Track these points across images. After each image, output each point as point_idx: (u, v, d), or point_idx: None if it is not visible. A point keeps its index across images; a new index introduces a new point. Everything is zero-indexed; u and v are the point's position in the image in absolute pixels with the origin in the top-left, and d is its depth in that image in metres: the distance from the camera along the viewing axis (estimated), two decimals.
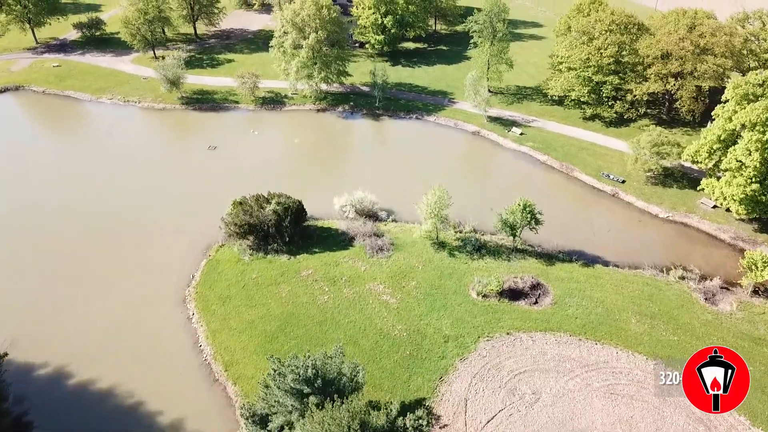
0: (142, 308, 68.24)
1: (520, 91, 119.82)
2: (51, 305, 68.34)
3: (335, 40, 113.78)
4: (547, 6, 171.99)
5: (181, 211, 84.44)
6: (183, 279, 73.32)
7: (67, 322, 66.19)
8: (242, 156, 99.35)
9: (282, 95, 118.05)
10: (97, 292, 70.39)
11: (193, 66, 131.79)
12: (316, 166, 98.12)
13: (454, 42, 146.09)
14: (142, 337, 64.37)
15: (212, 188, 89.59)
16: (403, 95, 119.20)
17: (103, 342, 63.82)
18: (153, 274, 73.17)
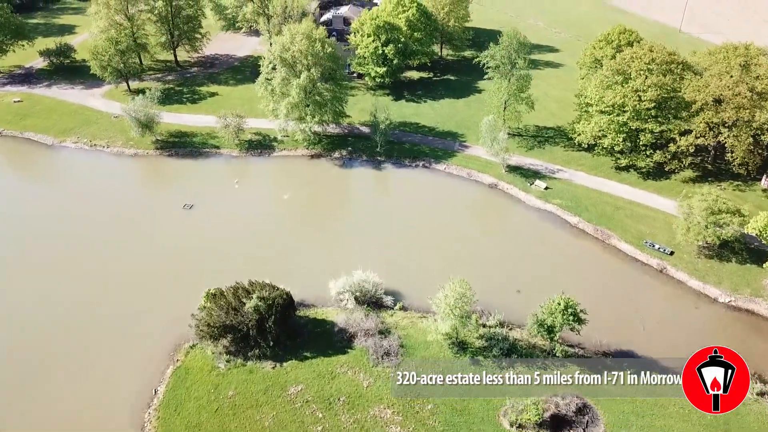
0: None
1: (541, 133, 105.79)
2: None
3: (331, 77, 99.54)
4: (562, 27, 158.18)
5: (144, 298, 70.09)
6: (143, 395, 59.12)
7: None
8: (222, 218, 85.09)
9: (270, 138, 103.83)
10: (23, 420, 55.96)
11: (171, 100, 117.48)
12: (308, 231, 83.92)
13: (462, 70, 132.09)
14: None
15: (184, 265, 75.32)
16: (407, 137, 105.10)
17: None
18: (103, 389, 58.91)
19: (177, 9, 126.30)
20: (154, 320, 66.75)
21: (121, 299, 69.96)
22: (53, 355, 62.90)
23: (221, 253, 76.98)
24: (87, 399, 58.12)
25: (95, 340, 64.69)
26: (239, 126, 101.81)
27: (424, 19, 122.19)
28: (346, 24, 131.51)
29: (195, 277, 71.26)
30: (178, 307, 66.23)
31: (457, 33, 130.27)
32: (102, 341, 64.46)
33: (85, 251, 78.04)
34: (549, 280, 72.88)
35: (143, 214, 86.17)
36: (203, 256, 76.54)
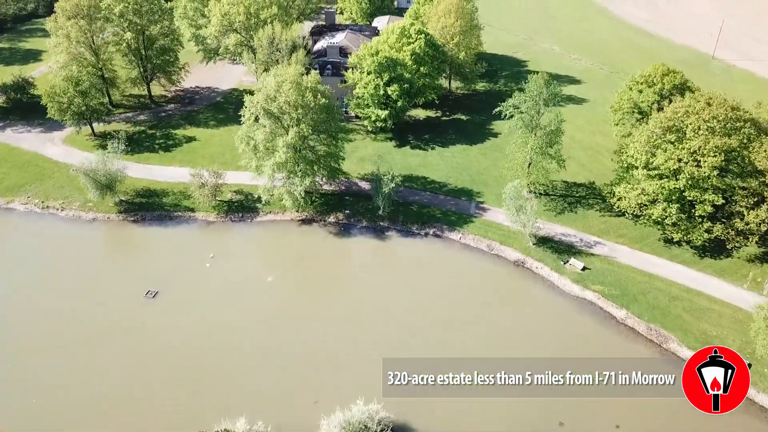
0: None
1: (571, 191, 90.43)
2: None
3: (326, 129, 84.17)
4: (581, 52, 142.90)
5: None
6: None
7: None
8: (191, 312, 69.99)
9: (254, 198, 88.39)
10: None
11: (141, 147, 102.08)
12: (293, 333, 68.39)
13: (474, 107, 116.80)
14: None
15: (136, 388, 59.82)
16: (414, 196, 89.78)
17: None
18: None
19: (149, 40, 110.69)
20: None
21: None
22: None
23: (185, 366, 61.71)
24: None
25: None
26: (216, 186, 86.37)
27: (432, 52, 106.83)
28: (342, 55, 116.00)
29: (148, 404, 55.97)
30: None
31: (468, 64, 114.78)
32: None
33: (14, 372, 62.55)
34: (598, 405, 57.88)
35: (94, 309, 70.62)
36: (163, 372, 61.16)
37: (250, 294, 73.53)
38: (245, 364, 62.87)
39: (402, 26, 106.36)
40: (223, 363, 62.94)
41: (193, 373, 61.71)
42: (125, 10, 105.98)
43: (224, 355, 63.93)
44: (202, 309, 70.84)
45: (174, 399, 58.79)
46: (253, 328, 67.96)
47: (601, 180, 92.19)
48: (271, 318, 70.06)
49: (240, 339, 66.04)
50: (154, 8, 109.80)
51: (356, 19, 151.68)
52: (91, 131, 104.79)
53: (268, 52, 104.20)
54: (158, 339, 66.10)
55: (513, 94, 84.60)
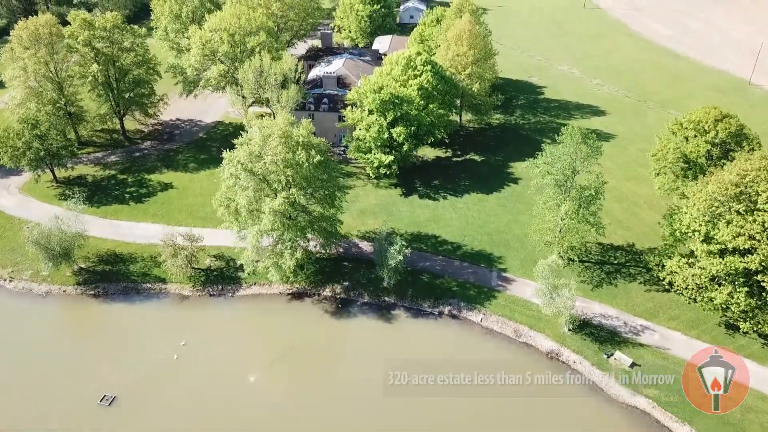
0: None
1: (608, 256, 77.27)
2: None
3: (321, 187, 70.97)
4: (603, 76, 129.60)
5: None
6: None
7: None
8: (154, 424, 56.60)
9: (236, 265, 75.14)
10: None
11: (109, 197, 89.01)
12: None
13: (487, 144, 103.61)
14: None
15: None
16: (424, 261, 76.67)
17: None
18: None
19: (121, 71, 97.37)
20: None
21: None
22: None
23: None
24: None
25: None
26: (192, 254, 73.21)
27: (442, 86, 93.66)
28: (341, 85, 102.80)
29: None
30: None
31: (481, 97, 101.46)
32: None
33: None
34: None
35: (30, 424, 57.26)
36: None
37: (226, 400, 60.23)
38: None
39: (408, 56, 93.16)
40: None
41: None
42: (91, 37, 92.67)
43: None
44: (166, 420, 57.71)
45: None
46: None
47: (642, 240, 79.24)
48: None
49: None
50: (125, 35, 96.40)
51: (355, 38, 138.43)
52: (52, 177, 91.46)
53: (255, 87, 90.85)
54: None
55: (543, 151, 70.86)
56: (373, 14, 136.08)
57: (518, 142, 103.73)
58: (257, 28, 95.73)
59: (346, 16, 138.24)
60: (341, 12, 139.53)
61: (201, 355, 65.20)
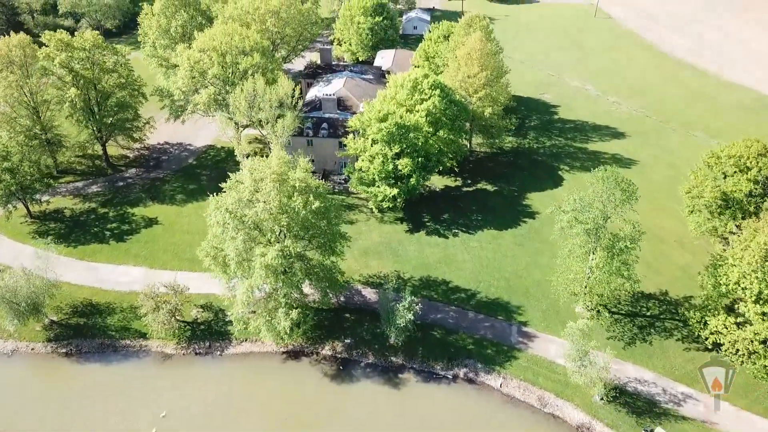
0: None
1: (639, 306, 69.42)
2: None
3: (320, 234, 63.10)
4: (619, 93, 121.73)
5: None
6: None
7: None
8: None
9: (225, 318, 67.26)
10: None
11: (88, 235, 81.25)
12: None
13: (499, 172, 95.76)
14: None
15: None
16: (435, 313, 68.90)
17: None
18: None
19: (103, 95, 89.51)
20: None
21: None
22: None
23: None
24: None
25: None
26: (176, 307, 65.41)
27: (452, 110, 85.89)
28: (341, 108, 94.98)
29: None
30: None
31: (493, 121, 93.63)
32: None
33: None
34: None
35: None
36: None
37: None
38: None
39: (414, 78, 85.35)
40: None
41: None
42: (69, 59, 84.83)
43: None
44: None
45: None
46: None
47: (676, 287, 71.53)
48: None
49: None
50: (107, 55, 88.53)
51: (356, 51, 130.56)
52: (26, 212, 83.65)
53: (248, 114, 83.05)
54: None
55: (569, 198, 62.59)
56: (374, 27, 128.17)
57: (533, 169, 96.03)
58: (251, 48, 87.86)
59: (346, 28, 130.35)
60: (341, 24, 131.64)
61: (182, 425, 57.33)
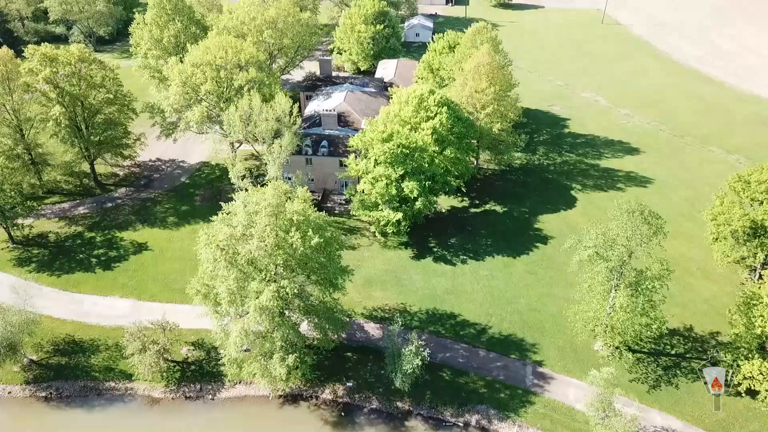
0: None
1: (662, 344, 64.41)
2: None
3: (318, 269, 58.22)
4: (631, 105, 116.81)
5: None
6: None
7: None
8: None
9: (218, 357, 62.25)
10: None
11: (72, 263, 76.57)
12: None
13: (509, 191, 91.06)
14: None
15: None
16: (444, 351, 64.12)
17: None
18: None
19: (90, 112, 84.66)
20: None
21: None
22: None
23: None
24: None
25: None
26: (164, 347, 60.56)
27: (459, 128, 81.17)
28: (342, 123, 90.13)
29: None
30: None
31: (502, 137, 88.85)
32: None
33: None
34: None
35: None
36: None
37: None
38: None
39: (419, 95, 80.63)
40: None
41: None
42: (53, 75, 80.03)
43: None
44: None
45: None
46: None
47: (701, 321, 66.76)
48: None
49: None
50: (94, 71, 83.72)
51: (357, 61, 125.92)
52: (8, 237, 78.83)
53: (243, 133, 78.29)
54: None
55: (590, 231, 57.44)
56: (376, 35, 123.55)
57: (544, 188, 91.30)
58: (246, 62, 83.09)
59: (346, 37, 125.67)
60: (341, 33, 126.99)
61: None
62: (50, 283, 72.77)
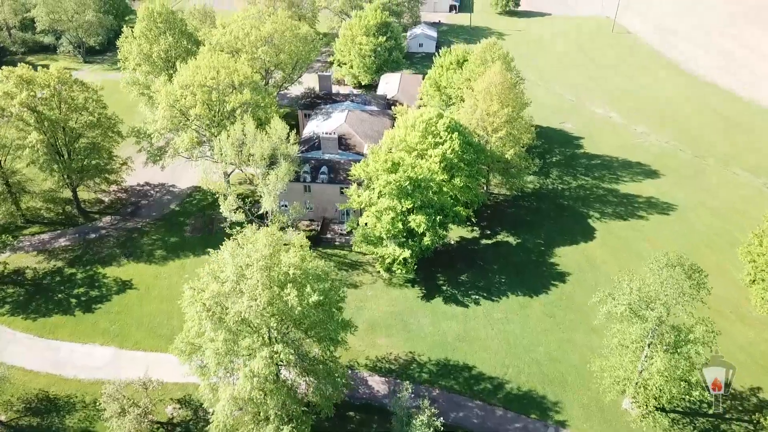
0: None
1: (696, 404, 58.19)
2: None
3: (317, 324, 52.08)
4: (646, 121, 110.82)
5: None
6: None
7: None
8: None
9: (207, 416, 56.01)
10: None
11: (50, 303, 70.40)
12: None
13: (521, 219, 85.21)
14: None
15: None
16: (457, 410, 58.01)
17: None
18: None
19: (71, 136, 78.52)
20: None
21: None
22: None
23: None
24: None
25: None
26: (146, 409, 54.38)
27: (470, 155, 75.16)
28: (343, 147, 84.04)
29: None
30: None
31: (515, 162, 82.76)
32: None
33: None
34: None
35: None
36: None
37: None
38: None
39: (427, 119, 74.55)
40: None
41: None
42: (30, 99, 73.87)
43: None
44: None
45: None
46: None
47: (740, 374, 60.56)
48: None
49: None
50: (75, 93, 77.58)
51: (359, 75, 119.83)
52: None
53: (236, 162, 72.19)
54: None
55: (621, 282, 51.24)
56: (377, 48, 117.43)
57: (558, 216, 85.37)
58: (240, 83, 77.01)
59: (347, 49, 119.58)
60: (341, 45, 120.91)
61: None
62: (25, 328, 66.66)
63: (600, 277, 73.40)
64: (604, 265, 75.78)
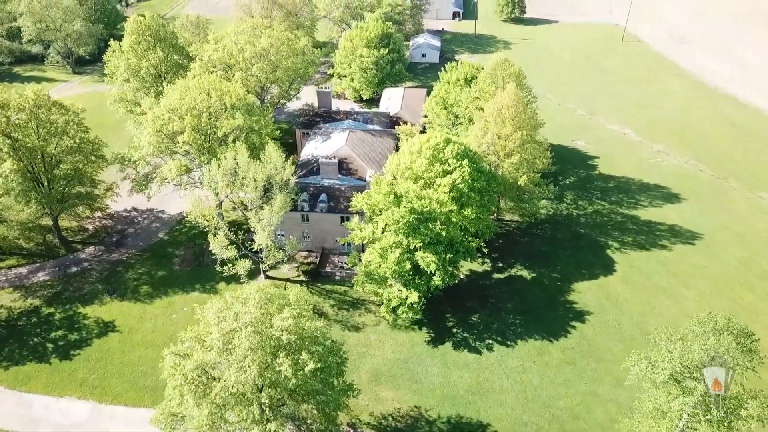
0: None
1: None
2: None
3: (315, 393, 46.22)
4: (663, 138, 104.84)
5: None
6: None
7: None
8: None
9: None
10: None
11: (24, 349, 64.72)
12: None
13: (535, 249, 79.46)
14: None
15: None
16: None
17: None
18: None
19: (50, 163, 72.61)
20: None
21: None
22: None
23: None
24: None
25: None
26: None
27: (481, 183, 69.31)
28: (344, 171, 78.12)
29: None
30: None
31: (528, 187, 76.85)
32: None
33: None
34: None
35: None
36: None
37: None
38: None
39: (435, 145, 68.64)
40: None
41: None
42: (5, 124, 67.98)
43: None
44: None
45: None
46: None
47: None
48: None
49: None
50: (54, 116, 71.64)
51: (360, 89, 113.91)
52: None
53: (227, 193, 66.32)
54: None
55: (660, 344, 45.35)
56: (379, 60, 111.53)
57: (575, 246, 79.63)
58: (232, 105, 71.13)
59: (347, 62, 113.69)
60: (341, 57, 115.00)
61: None
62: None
63: (623, 317, 67.65)
64: (626, 303, 70.00)
